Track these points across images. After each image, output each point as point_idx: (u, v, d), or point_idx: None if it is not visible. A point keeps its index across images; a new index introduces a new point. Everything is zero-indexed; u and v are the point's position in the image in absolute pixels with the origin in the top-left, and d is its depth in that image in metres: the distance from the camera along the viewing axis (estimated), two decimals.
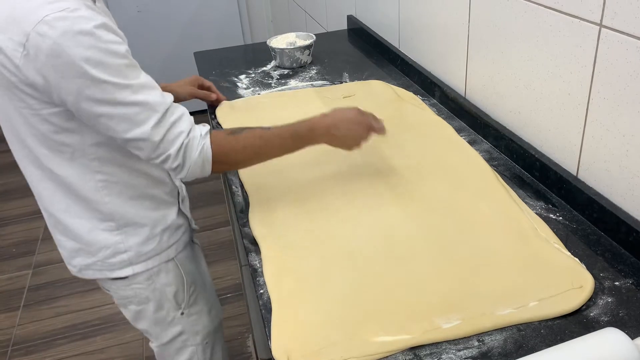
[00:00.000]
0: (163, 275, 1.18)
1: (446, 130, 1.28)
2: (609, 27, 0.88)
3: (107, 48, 0.87)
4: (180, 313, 1.23)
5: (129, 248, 1.11)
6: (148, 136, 0.92)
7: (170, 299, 1.20)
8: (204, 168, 0.98)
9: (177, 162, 0.96)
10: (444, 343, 0.76)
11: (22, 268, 2.55)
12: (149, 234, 1.12)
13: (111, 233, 1.09)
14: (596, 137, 0.96)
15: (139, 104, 0.91)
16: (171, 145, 0.95)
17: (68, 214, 1.07)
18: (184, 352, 1.29)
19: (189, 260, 1.24)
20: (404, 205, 1.03)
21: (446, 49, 1.42)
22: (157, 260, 1.16)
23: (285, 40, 1.77)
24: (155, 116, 0.92)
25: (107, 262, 1.12)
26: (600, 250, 0.90)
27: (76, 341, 2.14)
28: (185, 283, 1.22)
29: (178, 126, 0.95)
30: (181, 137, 0.95)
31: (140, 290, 1.17)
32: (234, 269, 2.43)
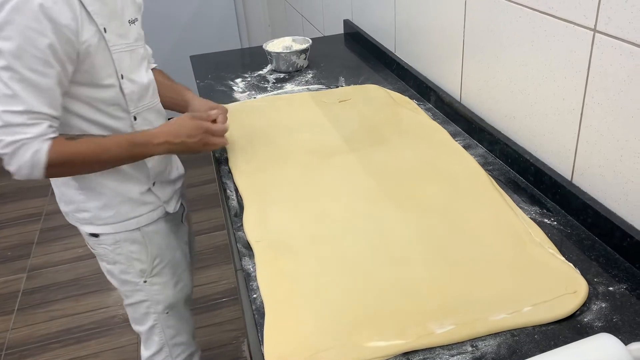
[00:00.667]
0: (128, 243, 1.26)
1: (441, 135, 1.28)
2: (603, 32, 0.88)
3: (24, 32, 0.92)
4: (143, 281, 1.31)
5: (88, 209, 1.21)
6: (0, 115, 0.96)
7: (134, 265, 1.29)
8: (32, 169, 1.00)
9: (6, 151, 0.98)
10: (437, 348, 0.76)
11: (17, 271, 2.54)
12: (106, 202, 1.20)
13: (76, 190, 1.20)
14: (590, 142, 0.96)
15: (11, 89, 0.95)
16: (10, 135, 0.97)
17: None
18: (149, 318, 1.37)
19: (159, 235, 1.31)
20: (399, 210, 1.03)
21: (442, 53, 1.42)
22: (119, 227, 1.24)
23: (282, 44, 1.77)
24: (16, 107, 0.96)
25: (75, 216, 1.24)
26: (595, 255, 0.90)
27: (70, 345, 2.13)
28: (150, 255, 1.29)
29: (29, 128, 0.98)
30: (20, 135, 0.98)
31: (107, 251, 1.27)
32: (229, 273, 2.42)
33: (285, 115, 1.43)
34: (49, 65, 0.97)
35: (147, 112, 1.20)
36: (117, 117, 1.14)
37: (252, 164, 1.22)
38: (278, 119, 1.42)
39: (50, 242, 2.72)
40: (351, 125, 1.35)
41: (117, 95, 1.12)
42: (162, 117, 1.28)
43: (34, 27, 0.93)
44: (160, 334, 1.40)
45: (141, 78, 1.17)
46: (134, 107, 1.16)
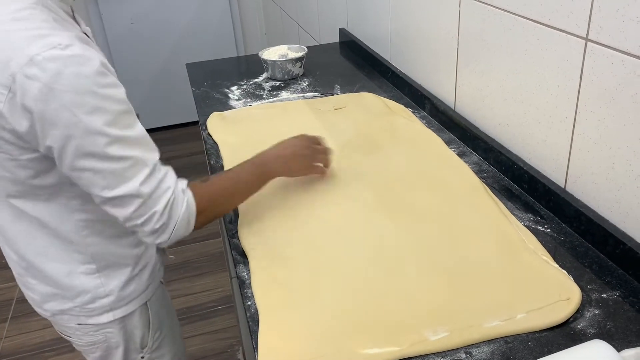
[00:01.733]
0: (136, 318, 1.09)
1: (436, 143, 1.28)
2: (594, 41, 0.89)
3: (106, 93, 0.79)
4: (141, 357, 1.14)
5: (110, 292, 1.03)
6: (136, 192, 0.84)
7: (136, 342, 1.12)
8: (189, 224, 0.91)
9: (162, 221, 0.87)
10: (431, 355, 0.76)
11: (11, 279, 2.52)
12: (129, 274, 1.05)
13: (91, 276, 1.01)
14: (583, 150, 0.97)
15: (131, 158, 0.83)
16: (158, 202, 0.86)
17: (45, 257, 0.98)
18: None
19: (159, 303, 1.15)
20: (394, 217, 1.03)
21: (436, 62, 1.43)
22: (136, 304, 1.08)
23: (277, 52, 1.78)
24: (145, 171, 0.84)
25: (86, 308, 1.03)
26: (588, 262, 0.91)
27: (64, 354, 2.12)
28: (152, 327, 1.13)
29: (165, 182, 0.88)
30: (168, 193, 0.87)
31: (112, 334, 1.07)
32: (225, 281, 2.42)
33: (281, 122, 1.44)
34: (132, 113, 0.85)
35: None
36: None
37: None
38: (273, 126, 1.42)
39: None
40: (346, 133, 1.36)
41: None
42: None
43: (108, 82, 0.80)
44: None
45: None
46: None
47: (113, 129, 0.80)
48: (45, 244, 0.97)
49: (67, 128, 0.78)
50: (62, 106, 0.76)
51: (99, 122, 0.79)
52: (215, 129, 1.43)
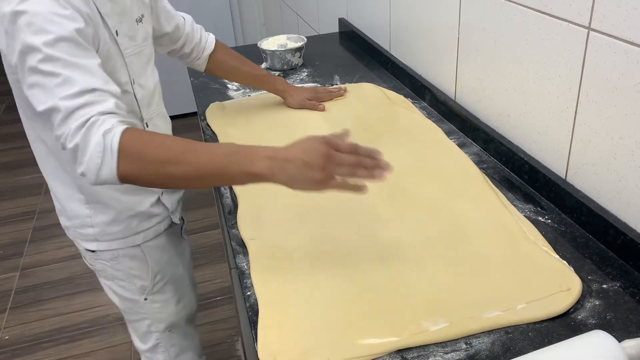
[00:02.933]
0: (127, 259, 1.19)
1: (436, 133, 1.28)
2: (597, 30, 0.88)
3: (55, 20, 0.85)
4: (144, 298, 1.25)
5: (95, 224, 1.13)
6: (55, 105, 0.83)
7: (134, 282, 1.22)
8: (104, 160, 0.80)
9: (75, 141, 0.81)
10: (431, 346, 0.75)
11: (10, 270, 2.53)
12: (115, 216, 1.13)
13: (82, 205, 1.12)
14: (584, 140, 0.96)
15: (60, 75, 0.83)
16: (76, 120, 0.82)
17: (52, 177, 1.11)
18: (151, 337, 1.32)
19: (160, 250, 1.23)
20: (393, 208, 1.03)
21: (437, 52, 1.42)
22: (121, 244, 1.16)
23: (277, 42, 1.77)
24: (72, 89, 0.83)
25: (78, 231, 1.16)
26: (588, 253, 0.90)
27: (63, 344, 2.12)
28: (151, 271, 1.22)
29: (92, 106, 0.83)
30: (88, 114, 0.82)
31: (105, 267, 1.20)
32: (224, 272, 2.42)
33: (280, 113, 1.43)
34: (86, 49, 0.88)
35: (156, 118, 1.16)
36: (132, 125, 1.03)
37: None
38: (272, 117, 1.41)
39: (43, 241, 2.70)
40: (346, 124, 1.35)
41: (132, 102, 1.06)
42: (168, 123, 1.23)
43: (61, 13, 0.86)
44: (164, 353, 1.34)
45: (148, 82, 1.12)
46: (146, 112, 1.11)
47: (50, 48, 0.84)
48: (54, 165, 1.09)
49: (19, 45, 0.85)
50: (19, 26, 0.84)
51: (39, 40, 0.84)
52: (214, 120, 1.42)
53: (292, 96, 1.43)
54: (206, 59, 1.36)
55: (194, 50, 1.34)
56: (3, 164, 3.43)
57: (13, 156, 3.49)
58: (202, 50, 1.35)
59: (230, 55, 1.40)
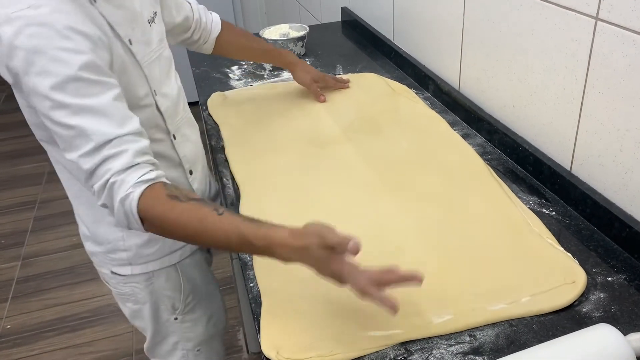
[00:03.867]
0: (163, 279, 1.12)
1: (440, 124, 1.27)
2: (605, 20, 0.87)
3: (59, 56, 0.77)
4: (174, 318, 1.18)
5: (128, 248, 1.06)
6: (77, 162, 0.81)
7: (166, 303, 1.15)
8: (129, 220, 0.82)
9: (102, 201, 0.83)
10: (435, 338, 0.75)
11: (11, 260, 2.53)
12: (150, 236, 1.05)
13: (114, 228, 1.03)
14: (590, 132, 0.95)
15: (74, 127, 0.79)
16: (97, 180, 0.81)
17: (78, 200, 1.04)
18: (174, 354, 1.23)
19: (193, 268, 1.17)
20: (397, 199, 1.02)
21: (441, 42, 1.40)
22: (157, 265, 1.09)
23: (279, 32, 1.75)
24: (87, 146, 0.80)
25: (108, 256, 1.08)
26: (593, 245, 0.90)
27: (65, 334, 2.12)
28: (183, 291, 1.15)
29: (111, 162, 0.81)
30: (107, 175, 0.81)
31: (137, 290, 1.12)
32: (225, 262, 2.41)
33: (282, 103, 1.42)
34: (97, 83, 0.81)
35: (183, 127, 1.08)
36: (157, 139, 0.99)
37: (249, 152, 1.21)
38: (275, 107, 1.40)
39: (44, 230, 2.70)
40: (348, 114, 1.34)
41: (154, 115, 0.98)
42: (195, 129, 1.15)
43: (65, 47, 0.78)
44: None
45: (172, 89, 1.04)
46: (172, 124, 1.03)
47: (58, 93, 0.78)
48: (79, 188, 1.01)
49: (26, 85, 0.79)
50: (20, 64, 0.77)
51: (44, 84, 0.77)
52: (216, 110, 1.41)
53: (302, 71, 1.41)
54: (213, 42, 1.32)
55: (202, 35, 1.29)
56: (3, 153, 3.42)
57: (13, 145, 3.48)
58: (208, 33, 1.30)
59: (237, 34, 1.36)
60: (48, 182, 3.08)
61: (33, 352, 2.05)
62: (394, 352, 0.74)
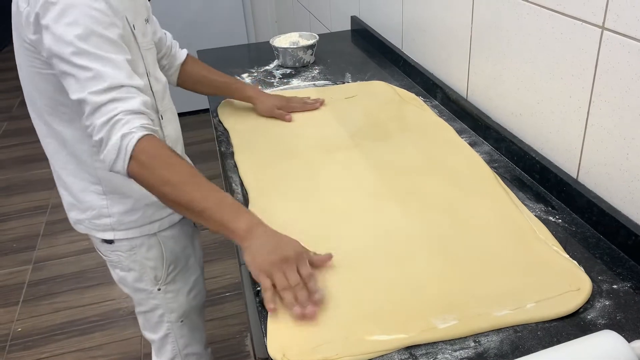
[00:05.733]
0: (145, 249, 1.21)
1: (447, 132, 1.28)
2: (611, 29, 0.88)
3: (89, 13, 0.90)
4: (157, 289, 1.27)
5: (112, 214, 1.16)
6: (84, 98, 0.90)
7: (149, 273, 1.24)
8: (118, 155, 0.89)
9: (99, 135, 0.90)
10: (440, 343, 0.76)
11: (22, 263, 2.56)
12: (132, 205, 1.16)
13: (98, 196, 1.14)
14: (597, 140, 0.96)
15: (91, 70, 0.90)
16: (102, 116, 0.90)
17: (66, 171, 1.13)
18: (162, 327, 1.33)
19: (174, 240, 1.26)
20: (404, 206, 1.03)
21: (449, 50, 1.42)
22: (137, 232, 1.19)
23: (289, 40, 1.77)
24: (101, 84, 0.90)
25: (93, 222, 1.18)
26: (599, 253, 0.90)
27: (75, 337, 2.14)
28: (165, 261, 1.25)
29: (119, 103, 0.90)
30: (114, 112, 0.90)
31: (122, 258, 1.22)
32: (233, 268, 2.43)
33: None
34: (115, 44, 0.94)
35: (168, 112, 1.19)
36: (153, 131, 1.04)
37: (258, 158, 1.22)
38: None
39: (55, 235, 2.73)
40: (357, 122, 1.35)
41: (149, 93, 1.07)
42: (176, 117, 1.25)
43: (97, 7, 0.92)
44: (173, 343, 1.36)
45: (160, 76, 1.17)
46: (161, 105, 1.15)
47: (83, 42, 0.90)
48: (66, 159, 1.11)
49: (52, 34, 0.90)
50: (53, 16, 0.89)
51: (72, 32, 0.89)
52: (226, 116, 1.43)
53: (262, 103, 1.39)
54: (177, 69, 1.38)
55: (169, 62, 1.36)
56: (16, 158, 3.46)
57: (26, 151, 3.53)
58: (174, 60, 1.37)
59: (200, 67, 1.41)
60: None
61: (43, 355, 2.07)
62: (399, 356, 0.74)
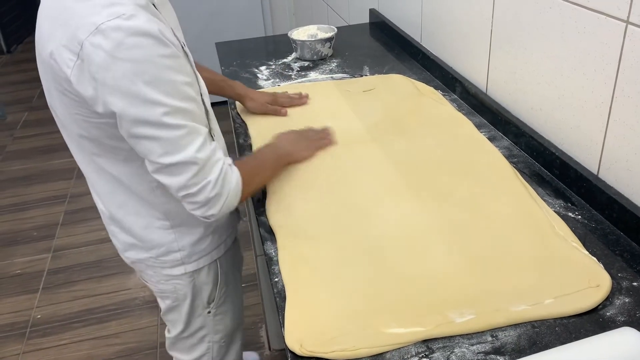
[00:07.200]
0: (204, 274, 1.17)
1: (466, 126, 1.27)
2: (635, 24, 0.86)
3: (164, 63, 0.82)
4: (207, 312, 1.22)
5: (182, 247, 1.11)
6: (193, 158, 0.87)
7: (203, 296, 1.19)
8: (237, 196, 0.95)
9: (216, 190, 0.91)
10: (457, 337, 0.76)
11: (42, 252, 2.60)
12: (202, 234, 1.11)
13: (166, 231, 1.08)
14: (619, 136, 0.94)
15: (186, 126, 0.86)
16: (212, 171, 0.90)
17: (124, 210, 1.06)
18: (199, 347, 1.27)
19: (229, 261, 1.23)
20: (422, 199, 1.03)
21: (469, 44, 1.40)
22: (207, 260, 1.15)
23: (307, 32, 1.77)
24: (199, 139, 0.88)
25: (160, 259, 1.11)
26: (619, 250, 0.89)
27: (92, 325, 2.17)
28: (219, 283, 1.21)
29: (217, 153, 0.92)
30: (220, 163, 0.91)
31: (180, 286, 1.16)
32: (249, 259, 2.44)
33: (309, 103, 1.43)
34: (190, 85, 0.88)
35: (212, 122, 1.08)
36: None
37: None
38: (301, 107, 1.42)
39: (74, 224, 2.77)
40: (375, 115, 1.35)
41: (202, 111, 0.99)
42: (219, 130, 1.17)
43: (167, 53, 0.83)
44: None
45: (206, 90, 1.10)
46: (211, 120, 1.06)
47: (170, 99, 0.83)
48: (124, 198, 1.05)
49: (126, 96, 0.81)
50: (123, 75, 0.79)
51: (156, 91, 0.81)
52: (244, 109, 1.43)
53: (253, 100, 1.37)
54: None
55: None
56: (36, 148, 3.51)
57: (46, 141, 3.58)
58: None
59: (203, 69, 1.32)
60: (78, 177, 3.16)
61: (62, 342, 2.11)
62: (416, 349, 0.74)
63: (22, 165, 3.34)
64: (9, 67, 5.06)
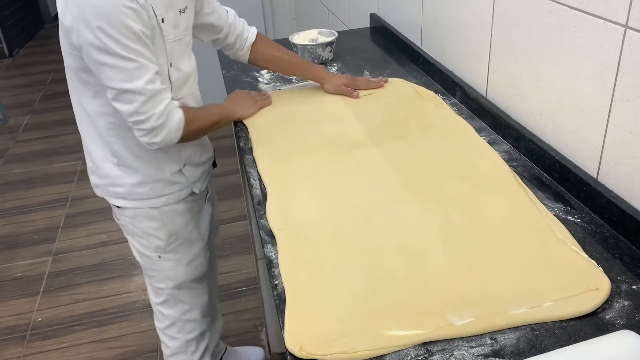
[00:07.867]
0: (146, 219, 1.34)
1: (466, 130, 1.27)
2: (634, 28, 0.87)
3: (124, 11, 1.02)
4: (158, 256, 1.40)
5: (124, 184, 1.30)
6: (141, 89, 1.08)
7: (151, 241, 1.37)
8: (178, 132, 1.17)
9: (160, 121, 1.13)
10: (456, 339, 0.76)
11: (43, 255, 2.60)
12: (142, 179, 1.29)
13: (114, 167, 1.28)
14: (618, 140, 0.95)
15: (137, 61, 1.07)
16: (158, 105, 1.12)
17: (89, 138, 1.28)
18: (162, 292, 1.46)
19: (177, 214, 1.37)
20: (422, 203, 1.03)
21: (469, 48, 1.41)
22: (143, 204, 1.32)
23: (308, 37, 1.78)
24: (149, 73, 1.09)
25: (108, 189, 1.32)
26: (619, 253, 0.90)
27: (93, 328, 2.18)
28: (166, 232, 1.37)
29: (165, 93, 1.13)
30: (167, 101, 1.13)
31: (126, 223, 1.36)
32: (249, 263, 2.45)
33: (310, 107, 1.44)
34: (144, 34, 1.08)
35: (187, 98, 1.29)
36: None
37: (276, 154, 1.23)
38: (302, 110, 1.43)
39: (75, 227, 2.78)
40: (375, 119, 1.36)
41: (165, 81, 1.19)
42: (199, 103, 1.37)
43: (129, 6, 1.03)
44: (173, 309, 1.48)
45: (185, 66, 1.26)
46: (177, 93, 1.24)
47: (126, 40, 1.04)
48: (90, 130, 1.26)
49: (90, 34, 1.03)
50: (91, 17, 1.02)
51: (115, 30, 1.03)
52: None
53: (330, 82, 1.49)
54: (249, 49, 1.46)
55: (237, 40, 1.45)
56: (38, 151, 3.52)
57: (47, 144, 3.59)
58: (244, 40, 1.45)
59: (271, 46, 1.49)
60: (80, 181, 3.16)
61: (63, 345, 2.11)
62: (415, 351, 0.75)
63: (23, 169, 3.35)
64: (11, 71, 5.08)
